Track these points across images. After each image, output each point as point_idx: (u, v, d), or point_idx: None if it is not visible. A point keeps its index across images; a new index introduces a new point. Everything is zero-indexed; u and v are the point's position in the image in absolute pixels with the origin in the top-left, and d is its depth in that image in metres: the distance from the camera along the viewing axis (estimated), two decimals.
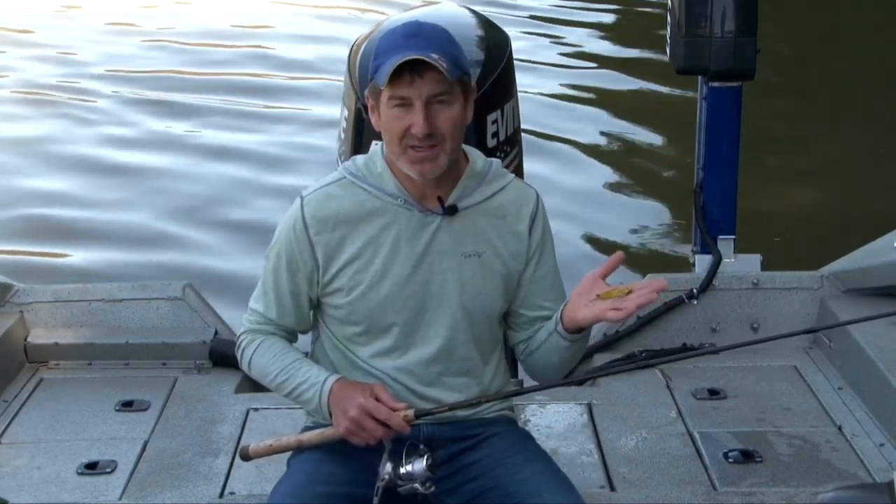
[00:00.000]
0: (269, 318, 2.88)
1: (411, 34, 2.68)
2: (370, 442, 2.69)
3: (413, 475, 2.67)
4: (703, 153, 4.60)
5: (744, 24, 4.35)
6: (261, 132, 8.84)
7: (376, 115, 2.75)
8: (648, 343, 4.35)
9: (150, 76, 10.15)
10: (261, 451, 2.88)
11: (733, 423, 3.84)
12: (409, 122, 2.66)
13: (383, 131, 2.73)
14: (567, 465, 3.18)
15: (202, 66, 10.43)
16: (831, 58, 10.38)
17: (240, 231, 7.05)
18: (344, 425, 2.70)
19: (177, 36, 11.28)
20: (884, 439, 3.70)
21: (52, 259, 6.78)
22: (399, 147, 2.70)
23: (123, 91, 9.74)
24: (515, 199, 2.87)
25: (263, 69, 10.39)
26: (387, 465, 2.67)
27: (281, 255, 2.83)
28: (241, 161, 8.23)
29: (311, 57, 10.49)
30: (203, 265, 6.62)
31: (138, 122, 9.01)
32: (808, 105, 9.34)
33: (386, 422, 2.67)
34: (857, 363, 4.01)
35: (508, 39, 3.88)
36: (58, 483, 3.56)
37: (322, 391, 2.76)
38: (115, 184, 7.87)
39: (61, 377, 4.25)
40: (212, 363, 4.29)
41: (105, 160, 8.29)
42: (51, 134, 8.82)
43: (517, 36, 9.78)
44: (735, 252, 4.54)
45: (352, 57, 3.82)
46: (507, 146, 3.78)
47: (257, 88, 9.86)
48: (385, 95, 2.67)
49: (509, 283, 2.86)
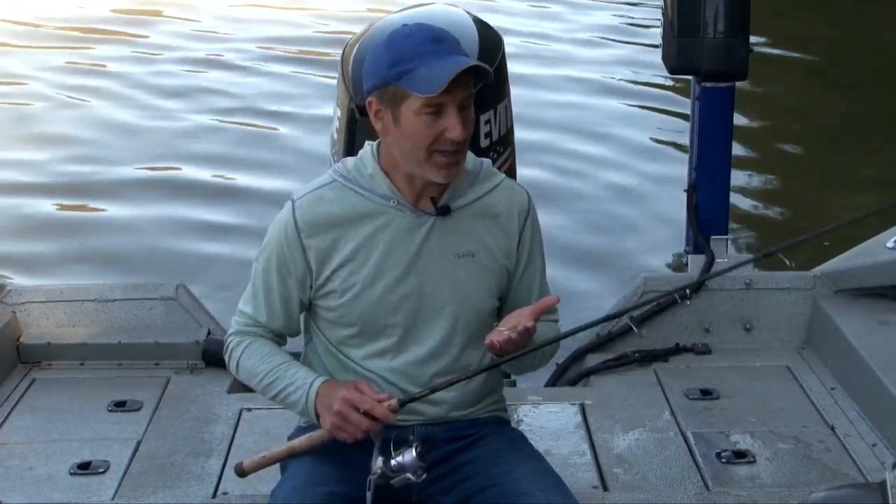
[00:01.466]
0: (259, 322, 2.88)
1: (439, 38, 2.64)
2: (357, 436, 2.66)
3: (404, 466, 2.65)
4: (696, 153, 4.61)
5: (736, 24, 4.36)
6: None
7: (385, 121, 2.69)
8: (641, 343, 4.35)
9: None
10: (255, 464, 2.87)
11: (726, 423, 3.84)
12: (442, 128, 2.62)
13: (403, 139, 2.67)
14: (560, 466, 3.19)
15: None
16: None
17: (234, 230, 7.05)
18: (329, 421, 2.69)
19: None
20: (876, 439, 3.71)
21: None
22: (425, 153, 2.66)
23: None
24: (506, 199, 2.87)
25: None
26: (378, 459, 2.66)
27: (271, 259, 2.82)
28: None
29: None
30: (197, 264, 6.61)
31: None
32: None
33: (369, 411, 2.65)
34: (849, 363, 4.02)
35: (501, 39, 3.88)
36: (50, 483, 3.55)
37: (309, 393, 2.75)
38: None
39: (54, 377, 4.24)
40: (204, 363, 4.28)
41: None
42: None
43: (509, 35, 9.76)
44: (727, 252, 4.56)
45: (344, 58, 3.82)
46: (499, 146, 3.78)
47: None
48: (416, 103, 2.61)
49: (501, 282, 2.87)
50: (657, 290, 4.35)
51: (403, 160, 2.72)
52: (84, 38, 11.19)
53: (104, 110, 9.27)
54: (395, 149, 2.72)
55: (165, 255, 6.76)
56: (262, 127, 8.88)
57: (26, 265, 6.56)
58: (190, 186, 7.78)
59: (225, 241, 6.92)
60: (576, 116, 9.06)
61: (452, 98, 2.61)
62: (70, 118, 9.07)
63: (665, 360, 4.27)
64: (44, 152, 8.36)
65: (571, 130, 8.67)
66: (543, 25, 11.64)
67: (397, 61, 2.62)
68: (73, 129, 8.81)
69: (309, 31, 11.39)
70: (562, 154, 8.19)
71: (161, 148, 8.48)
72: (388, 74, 2.63)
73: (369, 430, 2.66)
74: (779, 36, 10.66)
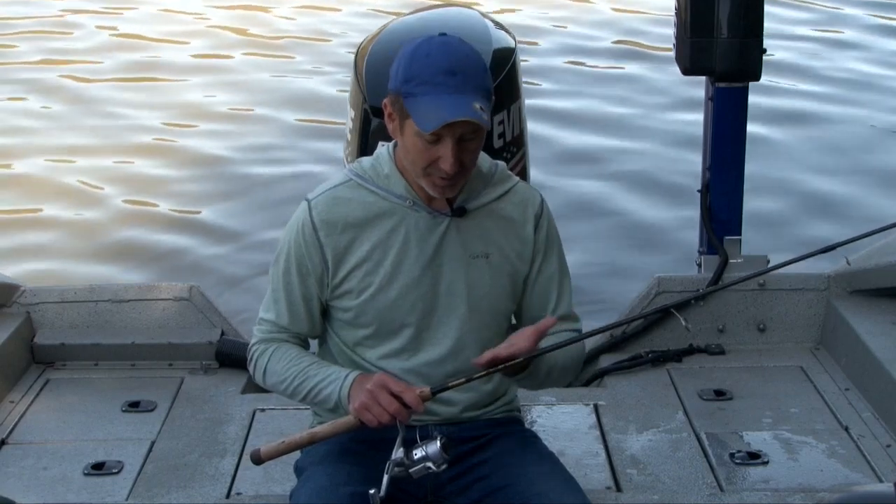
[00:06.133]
0: (282, 326, 2.87)
1: (452, 71, 2.61)
2: (383, 419, 2.61)
3: (428, 456, 2.62)
4: (710, 154, 4.61)
5: (749, 24, 4.36)
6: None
7: (395, 125, 2.70)
8: (655, 344, 4.35)
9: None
10: (273, 451, 2.74)
11: (740, 423, 3.84)
12: (436, 156, 2.63)
13: (405, 150, 2.69)
14: (573, 466, 3.18)
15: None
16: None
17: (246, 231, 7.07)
18: (359, 401, 2.64)
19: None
20: (890, 440, 3.70)
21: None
22: (422, 171, 2.67)
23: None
24: (521, 201, 2.87)
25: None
26: (399, 449, 2.64)
27: (290, 261, 2.82)
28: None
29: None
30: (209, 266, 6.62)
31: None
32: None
33: (400, 395, 2.61)
34: (863, 364, 4.01)
35: (515, 40, 3.88)
36: (64, 483, 3.56)
37: (343, 384, 2.72)
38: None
39: (68, 378, 4.25)
40: (218, 364, 4.29)
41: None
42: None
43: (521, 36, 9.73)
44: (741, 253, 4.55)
45: (358, 59, 3.82)
46: (513, 147, 3.78)
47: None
48: (414, 127, 2.62)
49: (516, 284, 2.86)
50: (670, 291, 4.36)
51: (408, 166, 2.74)
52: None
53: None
54: (401, 153, 2.75)
55: (179, 255, 6.78)
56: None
57: (41, 265, 6.57)
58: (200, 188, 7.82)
59: (238, 242, 6.93)
60: (585, 113, 9.04)
61: (451, 131, 2.60)
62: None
63: (678, 360, 4.27)
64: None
65: (579, 129, 8.66)
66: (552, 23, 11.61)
67: (411, 78, 2.62)
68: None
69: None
70: (571, 154, 8.18)
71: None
72: (401, 88, 2.64)
73: (396, 415, 2.62)
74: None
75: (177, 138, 8.68)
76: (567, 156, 8.09)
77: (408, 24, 3.87)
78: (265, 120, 9.00)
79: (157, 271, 6.46)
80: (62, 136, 8.74)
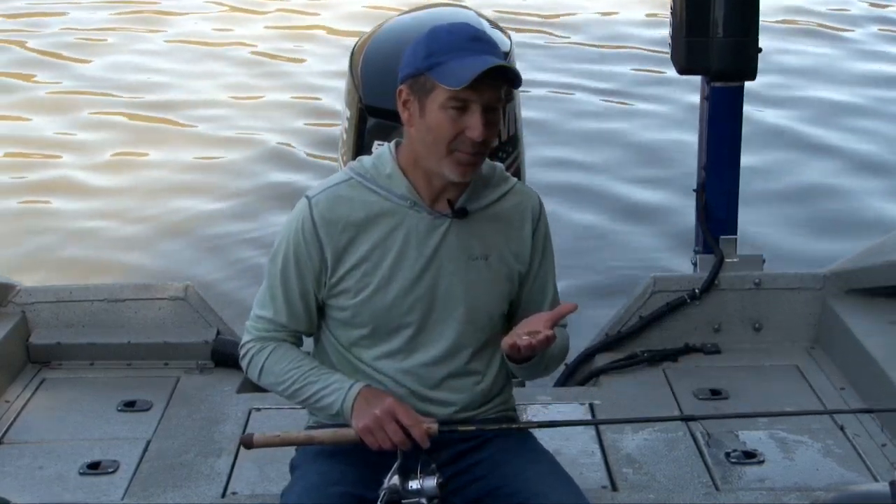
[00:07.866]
0: (280, 324, 2.86)
1: (475, 37, 2.67)
2: (385, 445, 2.67)
3: (422, 491, 2.66)
4: (705, 153, 4.60)
5: (745, 24, 4.36)
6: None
7: (411, 111, 2.71)
8: (651, 343, 4.35)
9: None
10: (266, 440, 2.79)
11: (735, 423, 3.83)
12: (464, 126, 2.64)
13: (427, 131, 2.68)
14: (569, 465, 3.17)
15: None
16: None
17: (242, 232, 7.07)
18: (364, 422, 2.67)
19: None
20: (886, 439, 3.70)
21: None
22: (446, 149, 2.67)
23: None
24: (519, 203, 2.87)
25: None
26: (394, 477, 2.66)
27: (289, 257, 2.81)
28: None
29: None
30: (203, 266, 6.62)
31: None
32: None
33: (409, 427, 2.66)
34: (859, 363, 4.01)
35: (510, 40, 3.88)
36: (60, 483, 3.56)
37: (348, 394, 2.73)
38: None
39: (63, 377, 4.25)
40: (214, 363, 4.29)
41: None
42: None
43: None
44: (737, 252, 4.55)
45: (354, 58, 3.82)
46: (508, 147, 3.79)
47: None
48: (443, 96, 2.63)
49: (513, 286, 2.87)
50: (666, 290, 4.36)
51: (425, 153, 2.72)
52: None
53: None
54: (417, 141, 2.73)
55: (174, 255, 6.77)
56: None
57: (34, 265, 6.56)
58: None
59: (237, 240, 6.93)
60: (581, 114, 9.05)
61: (479, 96, 2.62)
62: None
63: (674, 359, 4.27)
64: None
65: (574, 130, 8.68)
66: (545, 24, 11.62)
67: (433, 52, 2.65)
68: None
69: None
70: (566, 153, 8.19)
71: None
72: (422, 64, 2.65)
73: (399, 445, 2.67)
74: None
75: (174, 135, 8.69)
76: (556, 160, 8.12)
77: (403, 24, 3.88)
78: (265, 120, 9.02)
79: (153, 271, 6.45)
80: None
